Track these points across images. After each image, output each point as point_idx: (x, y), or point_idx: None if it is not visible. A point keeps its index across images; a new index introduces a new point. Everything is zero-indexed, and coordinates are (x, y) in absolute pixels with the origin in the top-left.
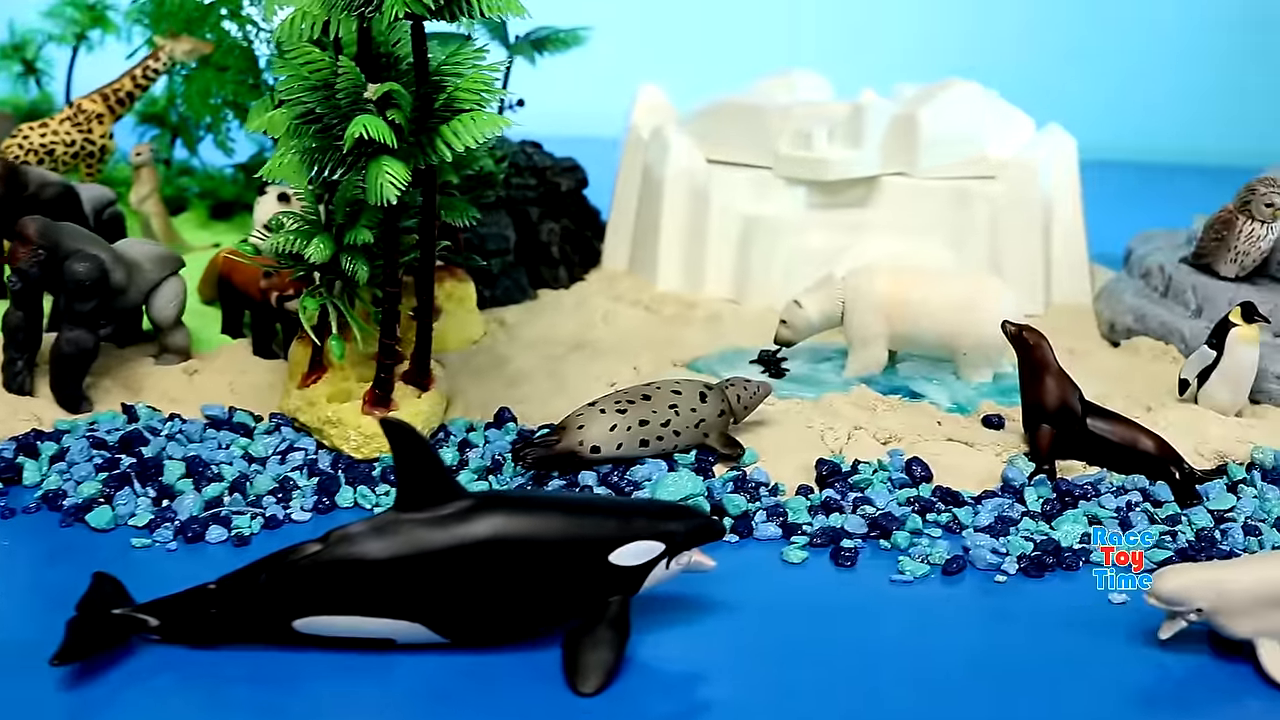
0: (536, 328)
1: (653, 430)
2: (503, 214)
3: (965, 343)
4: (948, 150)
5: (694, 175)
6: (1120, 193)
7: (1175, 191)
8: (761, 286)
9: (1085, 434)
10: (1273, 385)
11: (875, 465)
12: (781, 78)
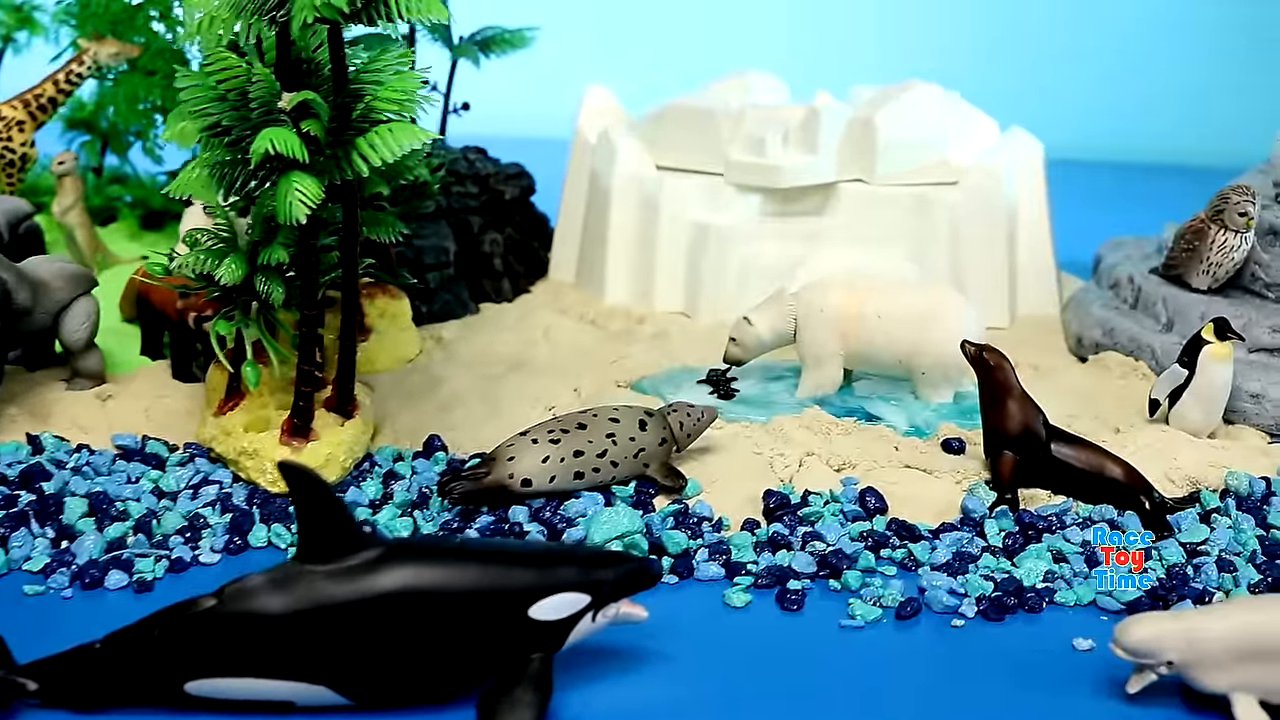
0: (475, 345)
1: (588, 461)
2: (442, 225)
3: (923, 361)
4: (907, 155)
5: (642, 182)
6: (1091, 194)
7: (1148, 193)
8: (713, 299)
9: (1049, 461)
10: (1247, 404)
11: (827, 496)
12: (736, 79)
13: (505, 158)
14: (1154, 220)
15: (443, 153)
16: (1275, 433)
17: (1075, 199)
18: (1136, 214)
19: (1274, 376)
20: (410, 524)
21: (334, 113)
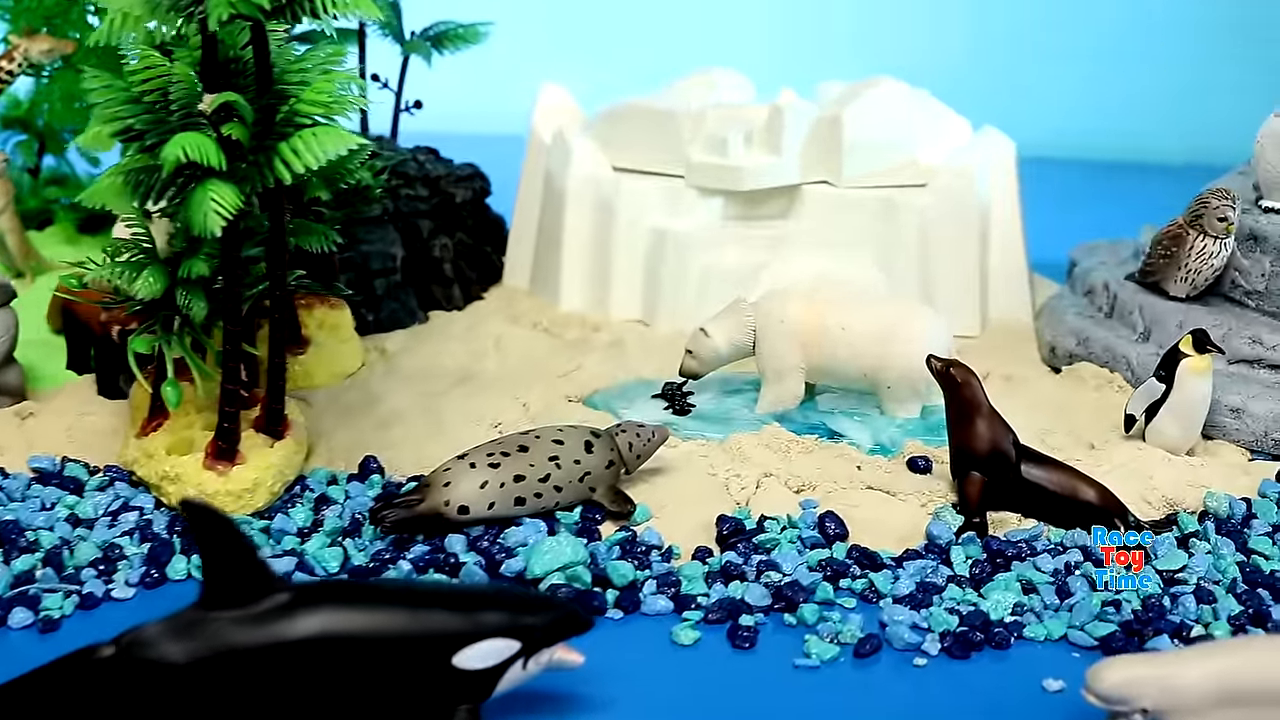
0: (420, 357)
1: (530, 486)
2: (389, 229)
3: (889, 375)
4: (874, 156)
5: (599, 185)
6: (1067, 193)
7: (1125, 191)
8: (672, 307)
9: (1019, 482)
10: (1227, 419)
11: (784, 521)
12: (699, 77)
13: (463, 157)
14: (1133, 220)
15: (390, 154)
16: (1256, 449)
17: (1051, 198)
18: (1114, 213)
19: (1254, 390)
20: (340, 554)
21: (258, 115)
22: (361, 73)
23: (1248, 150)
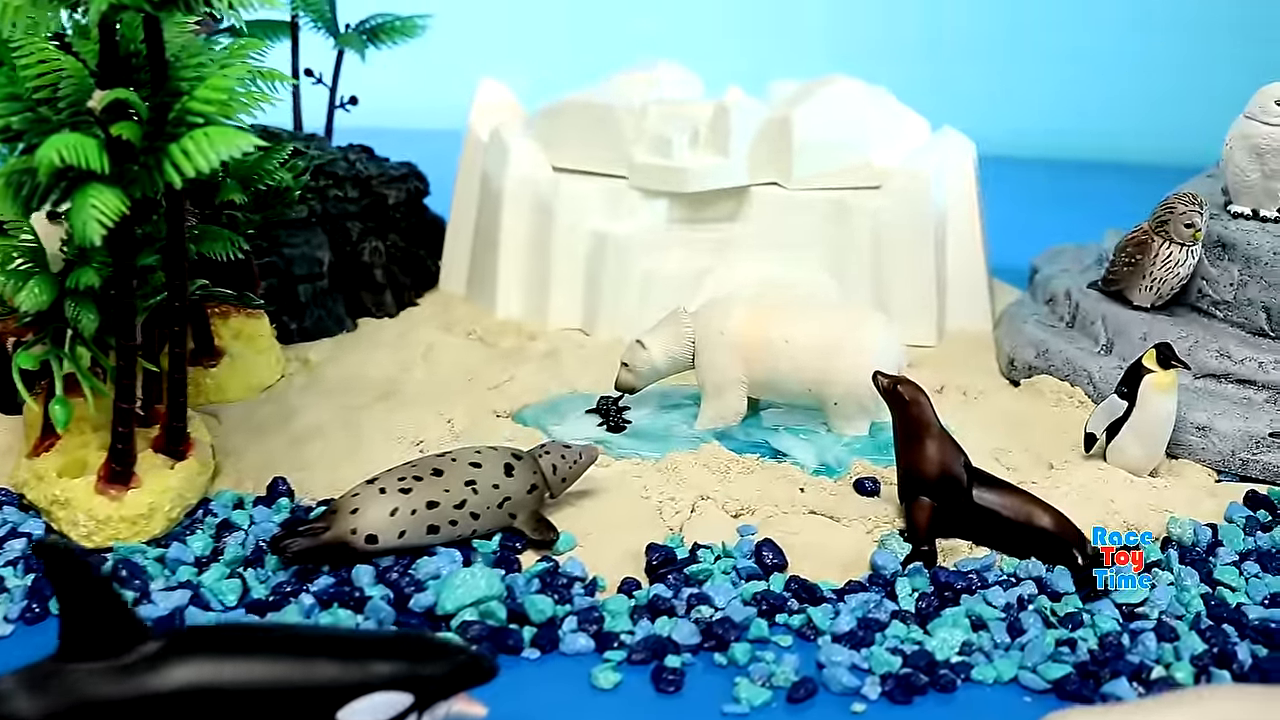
0: (344, 367)
1: (444, 513)
2: (316, 232)
3: (835, 390)
4: (826, 157)
5: (537, 185)
6: (1032, 194)
7: (1092, 192)
8: (612, 315)
9: (971, 508)
10: (1192, 438)
11: (719, 550)
12: (644, 72)
13: (408, 152)
14: (1103, 221)
15: (318, 153)
16: (1223, 470)
17: (1018, 199)
18: (1083, 214)
19: (1221, 406)
20: (239, 586)
21: (152, 114)
22: (294, 67)
23: (1217, 150)
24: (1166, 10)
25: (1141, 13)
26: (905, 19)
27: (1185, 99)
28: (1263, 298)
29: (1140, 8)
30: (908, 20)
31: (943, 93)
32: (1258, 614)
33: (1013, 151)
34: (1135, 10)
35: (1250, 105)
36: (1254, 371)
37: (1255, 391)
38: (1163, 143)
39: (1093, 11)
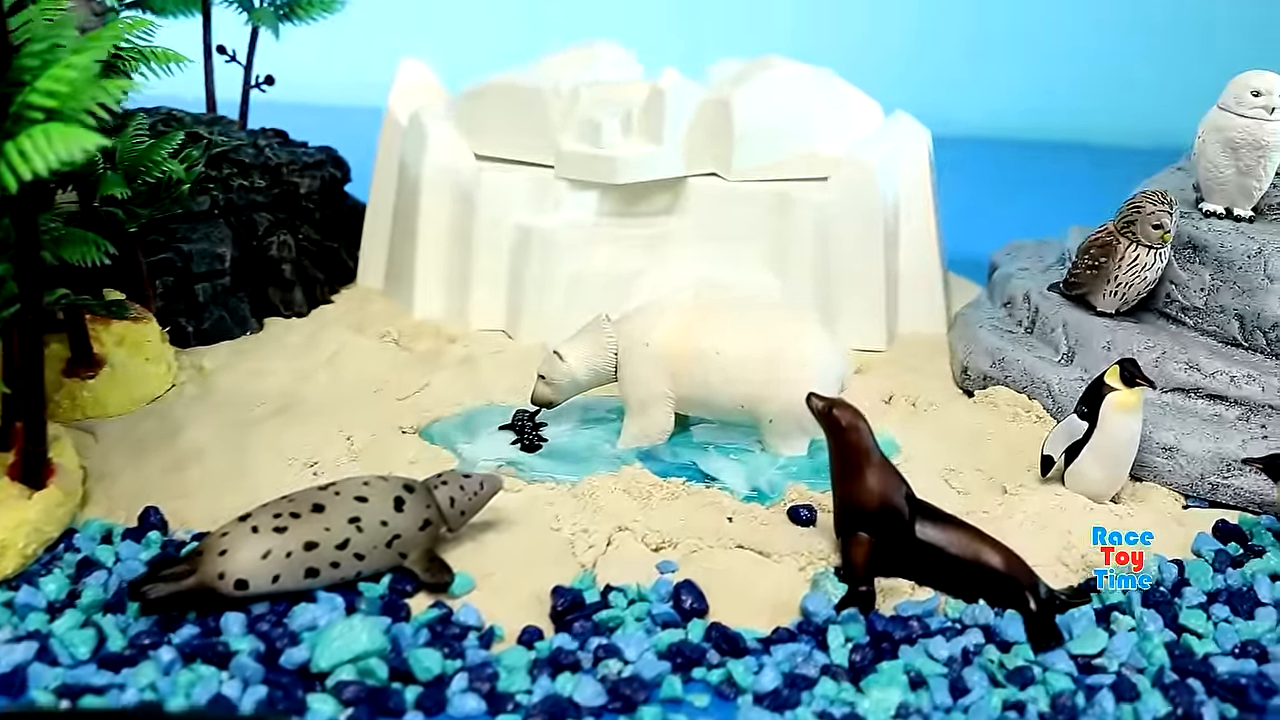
0: (241, 376)
1: (324, 554)
2: (218, 226)
3: (770, 407)
4: (768, 146)
5: (458, 174)
6: (1002, 176)
7: (1065, 175)
8: (536, 316)
9: (913, 544)
10: (1158, 459)
11: (633, 593)
12: (579, 51)
13: (335, 132)
14: (1073, 207)
15: (222, 139)
16: (1191, 494)
17: (984, 182)
18: (1051, 199)
19: (1190, 425)
20: (93, 637)
21: None
22: (206, 44)
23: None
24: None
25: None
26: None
27: (1162, 79)
28: (1235, 305)
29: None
30: None
31: (909, 71)
32: (1227, 667)
33: (983, 133)
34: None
35: (1224, 95)
36: (1225, 386)
37: (1226, 408)
38: (1139, 124)
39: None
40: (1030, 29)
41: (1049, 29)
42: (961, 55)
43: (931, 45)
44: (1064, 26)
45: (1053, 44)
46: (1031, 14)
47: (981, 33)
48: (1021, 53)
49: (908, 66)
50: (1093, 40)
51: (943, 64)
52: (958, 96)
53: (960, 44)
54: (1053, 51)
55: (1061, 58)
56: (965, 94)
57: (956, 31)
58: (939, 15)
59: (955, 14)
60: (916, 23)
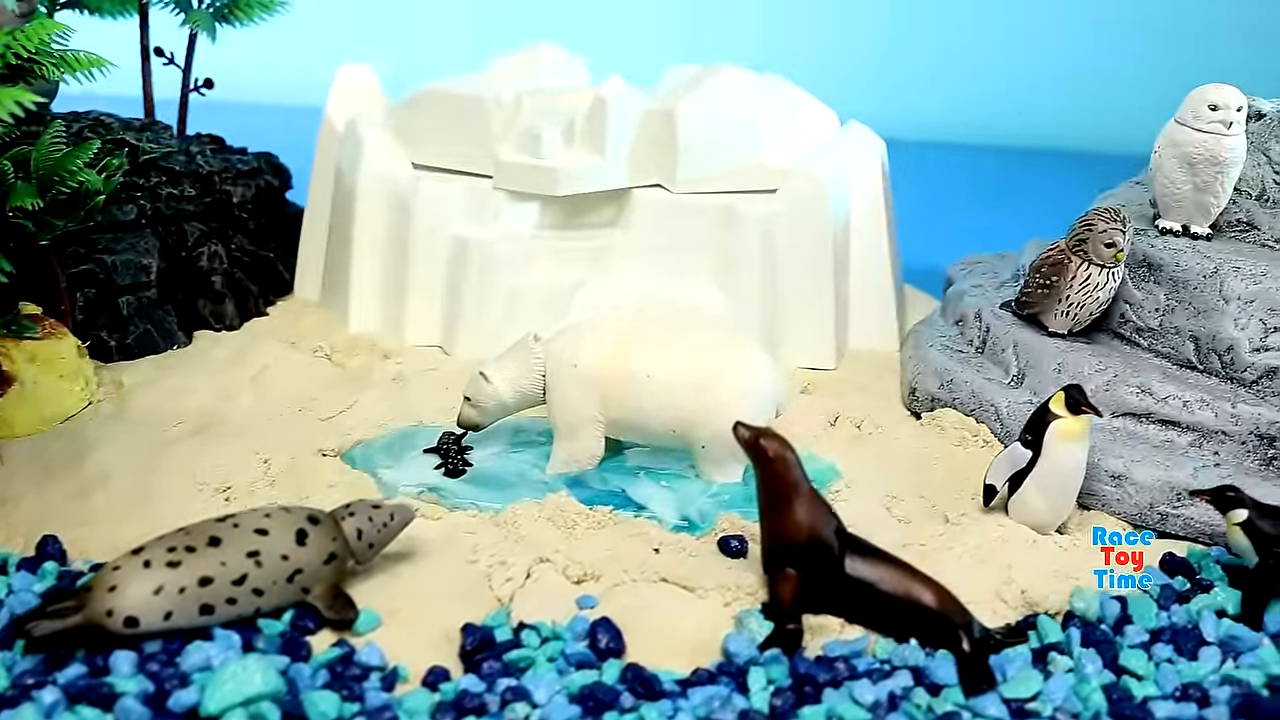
0: (160, 393)
1: (220, 590)
2: (145, 235)
3: (703, 433)
4: (715, 157)
5: (396, 184)
6: (975, 183)
7: (1038, 181)
8: (473, 332)
9: (843, 580)
10: (1106, 488)
11: (548, 631)
12: (524, 55)
13: (284, 132)
14: (1046, 214)
15: (152, 147)
16: (1139, 524)
17: (955, 189)
18: (1022, 207)
19: (1140, 452)
20: None
21: None
22: (143, 46)
23: None
24: None
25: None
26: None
27: (1141, 82)
28: (1191, 326)
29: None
30: None
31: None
32: (1166, 712)
33: (958, 137)
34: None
35: (1181, 109)
36: (1178, 411)
37: (1179, 434)
38: (1117, 130)
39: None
40: (1008, 32)
41: (1026, 32)
42: (936, 58)
43: (905, 49)
44: (1041, 29)
45: (1029, 47)
46: (1015, 16)
47: (957, 36)
48: (997, 56)
49: (880, 69)
50: (1068, 43)
51: (917, 67)
52: (931, 100)
53: (935, 48)
54: (1029, 55)
55: (1038, 61)
56: (940, 97)
57: (930, 35)
58: (914, 19)
59: (934, 17)
60: (890, 27)
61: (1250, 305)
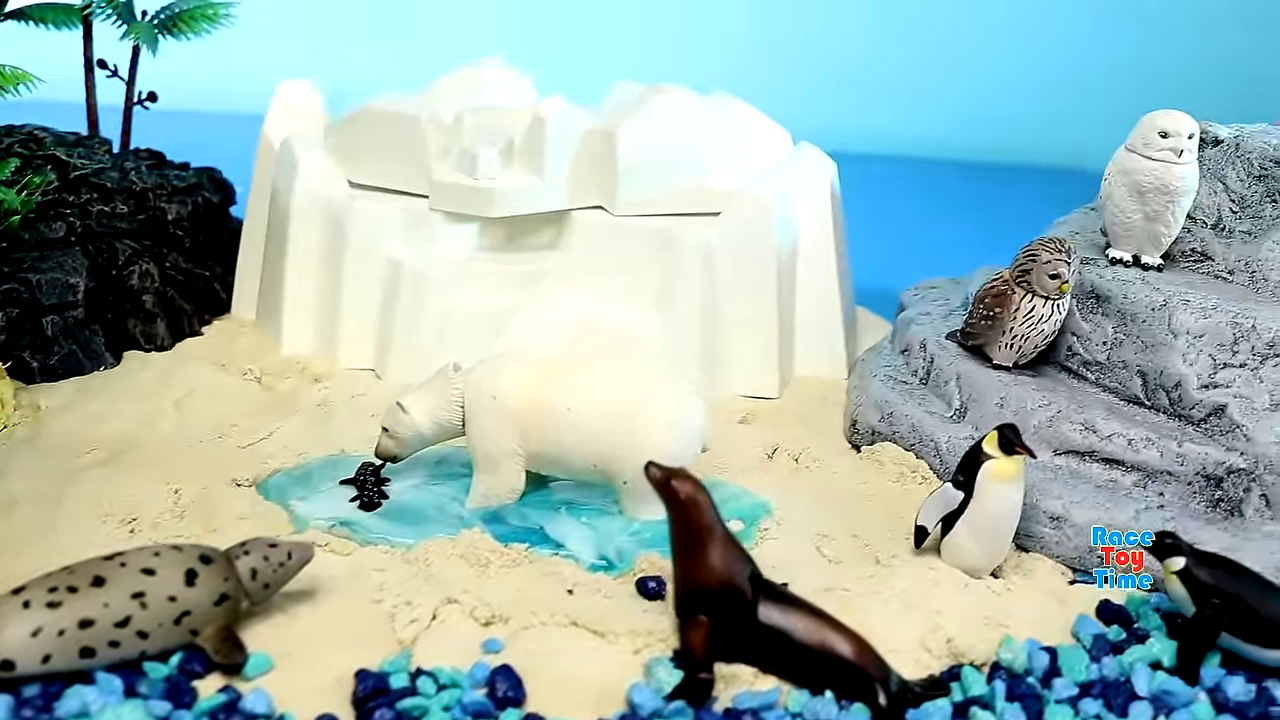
0: (79, 417)
1: (102, 633)
2: (73, 253)
3: (624, 468)
4: (656, 179)
5: (329, 204)
6: (949, 200)
7: (1013, 197)
8: (406, 356)
9: (756, 629)
10: (1045, 530)
11: (446, 678)
12: (468, 72)
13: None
14: (1017, 232)
15: (84, 164)
16: (1079, 568)
17: (925, 207)
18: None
19: (1081, 493)
20: None
21: None
22: (87, 59)
23: None
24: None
25: None
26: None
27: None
28: (1138, 361)
29: None
30: (818, 9)
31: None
32: None
33: (933, 153)
34: None
35: (1132, 136)
36: (1122, 450)
37: (1122, 473)
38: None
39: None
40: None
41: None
42: (907, 72)
43: (874, 63)
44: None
45: (1001, 61)
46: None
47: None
48: (968, 70)
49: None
50: (1038, 57)
51: (886, 82)
52: (902, 115)
53: (905, 62)
54: (999, 69)
55: (1010, 75)
56: (911, 113)
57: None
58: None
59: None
60: (857, 42)
61: (1199, 340)
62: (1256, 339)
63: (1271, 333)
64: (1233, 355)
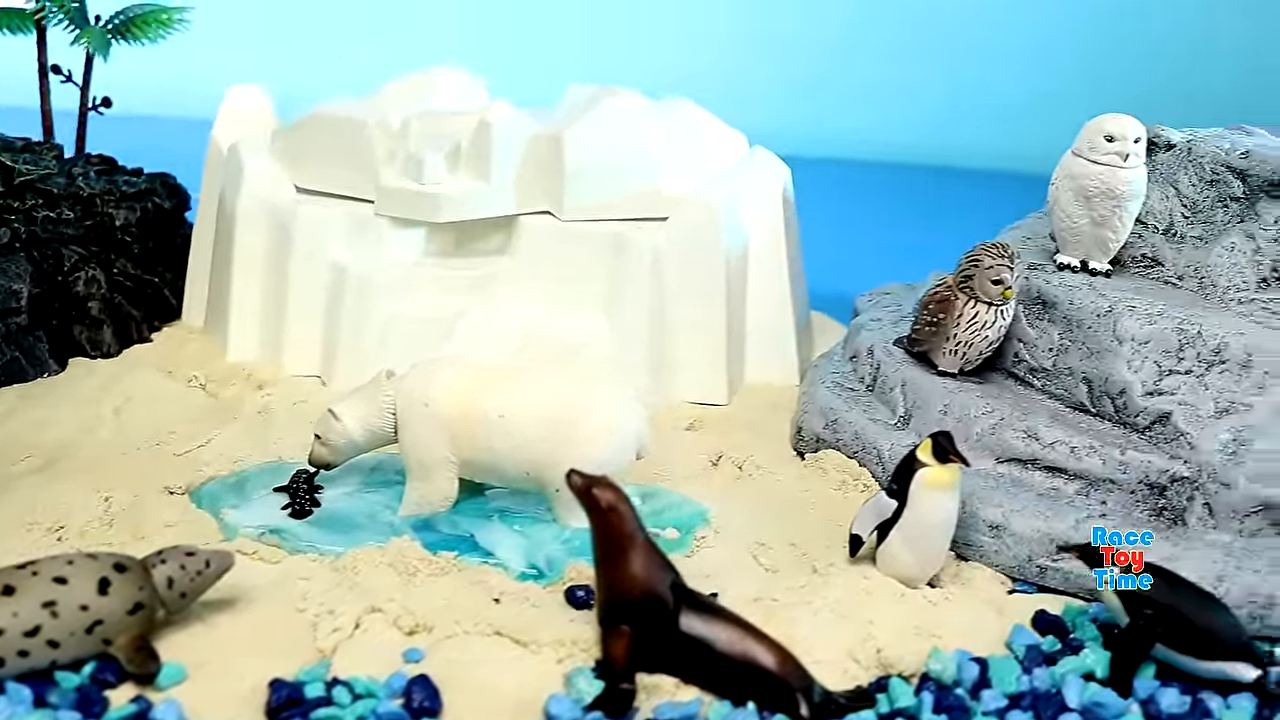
0: (19, 424)
1: (11, 642)
2: (17, 259)
3: (557, 475)
4: (605, 183)
5: (276, 208)
6: (919, 204)
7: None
8: (350, 362)
9: (678, 638)
10: (984, 539)
11: (362, 688)
12: (421, 77)
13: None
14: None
15: (29, 169)
16: (1019, 577)
17: (893, 211)
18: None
19: (1021, 501)
20: None
21: None
22: (41, 64)
23: None
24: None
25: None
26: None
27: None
28: (1084, 367)
29: None
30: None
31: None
32: None
33: (897, 157)
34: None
35: (1078, 140)
36: (1065, 458)
37: (1065, 481)
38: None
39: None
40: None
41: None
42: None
43: (841, 66)
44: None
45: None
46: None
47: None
48: (937, 74)
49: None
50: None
51: (851, 85)
52: (867, 118)
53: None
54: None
55: (977, 80)
56: (876, 115)
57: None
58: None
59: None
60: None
61: (1144, 346)
62: (1202, 345)
63: (1217, 340)
64: (1178, 362)
